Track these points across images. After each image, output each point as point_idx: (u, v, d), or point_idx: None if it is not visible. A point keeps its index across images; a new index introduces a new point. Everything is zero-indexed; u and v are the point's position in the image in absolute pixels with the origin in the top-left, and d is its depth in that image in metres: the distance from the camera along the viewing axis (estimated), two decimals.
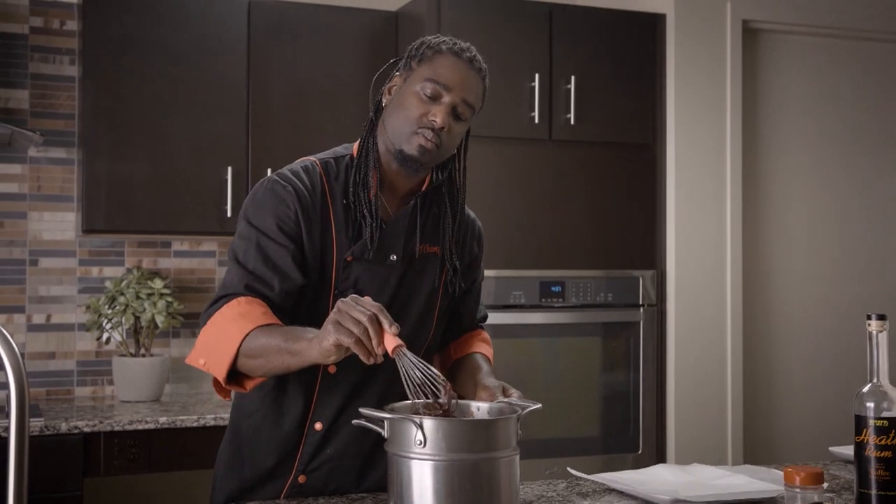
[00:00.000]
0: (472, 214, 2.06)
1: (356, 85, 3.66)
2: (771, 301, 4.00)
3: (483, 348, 2.03)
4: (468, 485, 1.45)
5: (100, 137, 3.40)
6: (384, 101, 1.87)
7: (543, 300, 3.60)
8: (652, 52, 3.80)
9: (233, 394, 1.83)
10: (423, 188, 1.89)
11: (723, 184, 3.83)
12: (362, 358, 1.51)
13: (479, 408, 1.63)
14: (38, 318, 3.62)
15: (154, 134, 3.45)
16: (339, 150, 1.94)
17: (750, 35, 3.96)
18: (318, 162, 1.88)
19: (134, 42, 3.43)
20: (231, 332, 1.67)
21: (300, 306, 1.80)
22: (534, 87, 3.60)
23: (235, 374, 1.72)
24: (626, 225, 3.75)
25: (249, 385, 1.73)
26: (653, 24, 3.80)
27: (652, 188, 3.80)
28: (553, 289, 3.61)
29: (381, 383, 1.82)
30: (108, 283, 3.58)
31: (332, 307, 1.63)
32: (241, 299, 1.72)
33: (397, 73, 1.86)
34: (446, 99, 1.78)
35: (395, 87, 1.85)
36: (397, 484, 1.49)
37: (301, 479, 1.85)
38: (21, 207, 3.61)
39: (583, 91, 3.67)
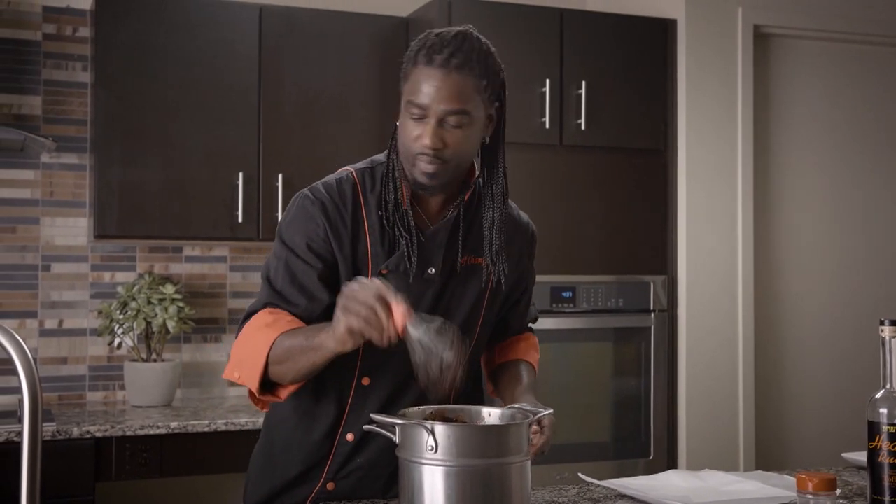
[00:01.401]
0: (526, 217, 2.00)
1: (367, 91, 3.67)
2: (782, 306, 3.98)
3: (529, 355, 1.99)
4: (479, 490, 1.45)
5: (112, 143, 3.42)
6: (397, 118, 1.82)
7: (554, 305, 3.59)
8: (663, 58, 3.80)
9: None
10: (467, 196, 1.82)
11: (734, 189, 3.82)
12: (375, 340, 1.50)
13: (490, 413, 1.63)
14: (51, 324, 3.64)
15: (165, 140, 3.47)
16: (379, 157, 1.86)
17: (761, 40, 3.95)
18: (354, 172, 1.82)
19: (145, 48, 3.45)
20: (258, 342, 1.68)
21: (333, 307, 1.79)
22: (544, 92, 3.60)
23: (271, 385, 1.72)
24: (637, 230, 3.75)
25: (284, 394, 1.73)
26: (664, 30, 3.80)
27: (663, 193, 3.79)
28: (564, 294, 3.61)
29: (415, 395, 1.76)
30: (119, 289, 3.59)
31: None
32: (267, 310, 1.73)
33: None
34: (430, 118, 1.68)
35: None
36: (409, 490, 1.49)
37: (329, 486, 1.85)
38: (34, 213, 3.63)
39: (593, 96, 3.67)
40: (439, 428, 1.45)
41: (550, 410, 1.61)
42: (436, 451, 1.44)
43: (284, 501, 1.87)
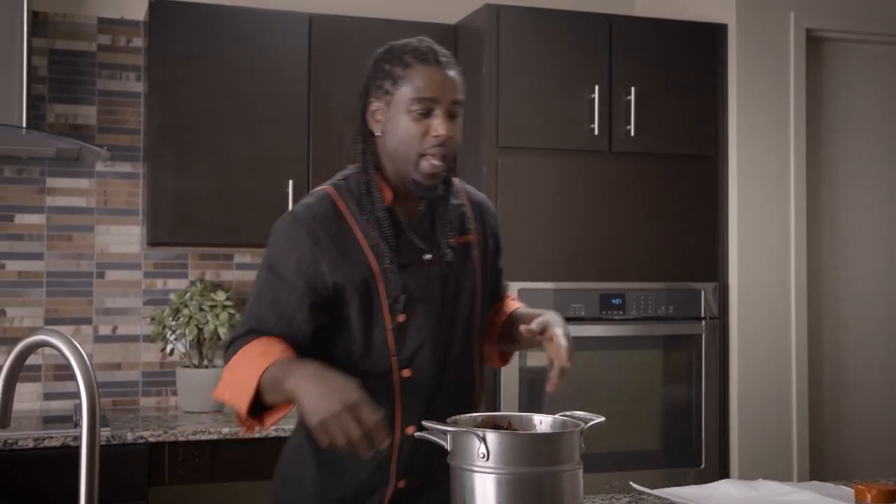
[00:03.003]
0: (483, 196, 2.10)
1: None
2: (837, 313, 3.92)
3: (516, 305, 2.10)
4: (531, 499, 1.45)
5: (164, 152, 3.46)
6: (374, 129, 1.87)
7: (604, 312, 3.57)
8: (713, 63, 3.76)
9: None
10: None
11: (786, 195, 3.77)
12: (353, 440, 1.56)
13: (542, 421, 1.63)
14: (105, 330, 3.69)
15: (216, 148, 3.51)
16: (347, 170, 1.94)
17: (814, 44, 3.90)
18: (328, 188, 1.90)
19: (197, 58, 3.49)
20: (250, 369, 1.74)
21: (351, 318, 1.83)
22: (593, 98, 3.59)
23: (261, 408, 1.78)
24: (687, 237, 3.72)
25: (268, 422, 1.79)
26: (714, 35, 3.77)
27: (713, 200, 3.76)
28: (613, 301, 3.59)
29: (454, 382, 1.90)
30: (172, 296, 3.64)
31: (388, 316, 1.81)
32: (262, 339, 1.79)
33: (372, 99, 1.87)
34: (438, 110, 1.80)
35: (378, 113, 1.86)
36: (461, 497, 1.49)
37: (401, 484, 1.87)
38: (89, 221, 3.69)
39: (643, 102, 3.64)
40: (491, 436, 1.45)
41: (602, 419, 1.60)
42: (487, 459, 1.44)
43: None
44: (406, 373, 1.85)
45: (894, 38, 3.97)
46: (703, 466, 3.67)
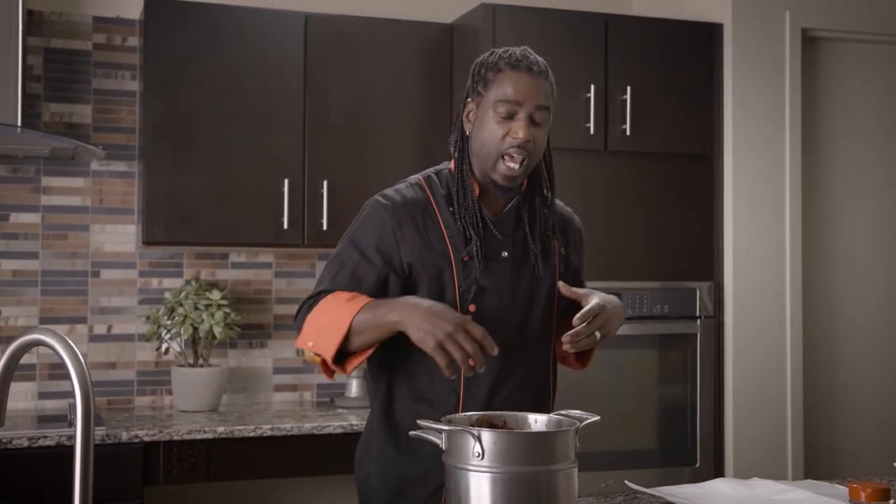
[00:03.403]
0: (570, 210, 2.17)
1: (412, 97, 3.68)
2: (832, 312, 3.93)
3: None
4: (526, 498, 1.45)
5: (160, 151, 3.46)
6: (466, 128, 1.99)
7: None
8: (709, 62, 3.76)
9: (376, 401, 2.01)
10: (524, 186, 2.02)
11: (782, 195, 3.78)
12: (458, 359, 1.72)
13: (537, 420, 1.63)
14: (100, 329, 3.69)
15: (212, 147, 3.50)
16: (440, 166, 2.08)
17: (810, 44, 3.90)
18: (421, 178, 2.04)
19: (193, 57, 3.49)
20: (340, 314, 1.84)
21: None
22: (589, 97, 3.59)
23: (341, 357, 1.87)
24: (683, 236, 3.72)
25: (349, 368, 1.88)
26: (710, 34, 3.77)
27: (709, 199, 3.76)
28: None
29: (522, 373, 1.97)
30: (167, 295, 3.64)
31: (460, 309, 1.91)
32: (344, 292, 1.90)
33: (469, 100, 1.99)
34: (521, 113, 1.90)
35: (471, 113, 1.98)
36: (455, 496, 1.49)
37: None
38: (84, 220, 3.68)
39: (639, 102, 3.65)
40: (486, 434, 1.45)
41: (597, 417, 1.60)
42: (482, 458, 1.44)
43: (418, 492, 1.94)
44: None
45: (890, 38, 3.98)
46: (698, 465, 3.68)
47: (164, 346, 3.62)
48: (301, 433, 3.26)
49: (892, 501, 1.47)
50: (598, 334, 1.84)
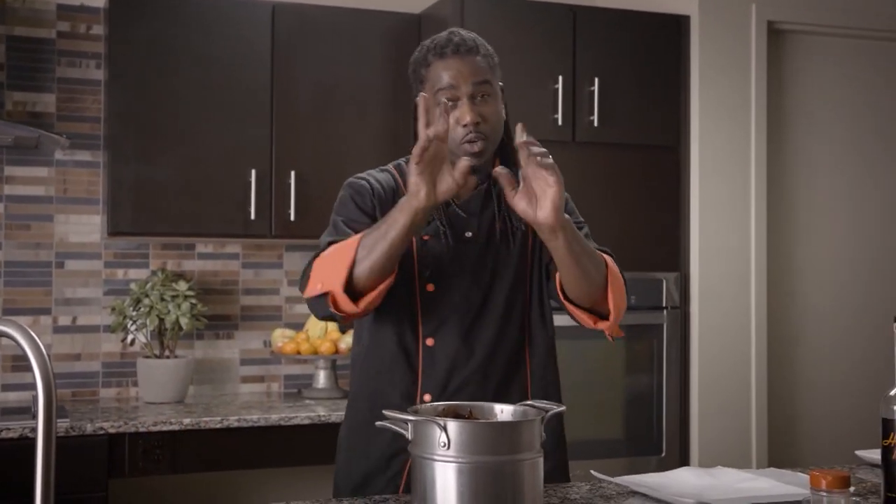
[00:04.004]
0: None
1: (379, 87, 3.67)
2: (796, 303, 3.97)
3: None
4: (492, 488, 1.45)
5: (125, 140, 3.43)
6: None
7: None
8: (676, 54, 3.79)
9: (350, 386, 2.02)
10: (497, 163, 1.98)
11: (747, 186, 3.81)
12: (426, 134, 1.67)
13: (503, 410, 1.63)
14: (64, 320, 3.65)
15: (179, 137, 3.48)
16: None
17: (775, 36, 3.93)
18: (391, 166, 2.06)
19: (159, 46, 3.45)
20: (343, 248, 1.80)
21: (388, 293, 1.88)
22: (557, 89, 3.60)
23: (353, 297, 1.80)
24: (650, 227, 3.74)
25: (362, 304, 1.80)
26: (677, 26, 3.79)
27: (676, 190, 3.78)
28: None
29: (483, 353, 1.94)
30: (132, 286, 3.61)
31: (419, 287, 1.92)
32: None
33: (417, 101, 1.92)
34: (462, 97, 1.89)
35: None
36: (421, 486, 1.49)
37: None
38: (48, 210, 3.64)
39: (606, 93, 3.66)
40: (451, 424, 1.45)
41: (563, 407, 1.60)
42: (448, 448, 1.44)
43: (380, 481, 1.94)
44: (430, 341, 1.94)
45: (854, 31, 4.02)
46: (664, 455, 3.71)
47: (129, 338, 3.59)
48: (268, 424, 3.25)
49: (852, 489, 1.49)
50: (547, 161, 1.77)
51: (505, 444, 1.47)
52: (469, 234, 1.97)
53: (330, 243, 1.87)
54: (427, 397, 1.92)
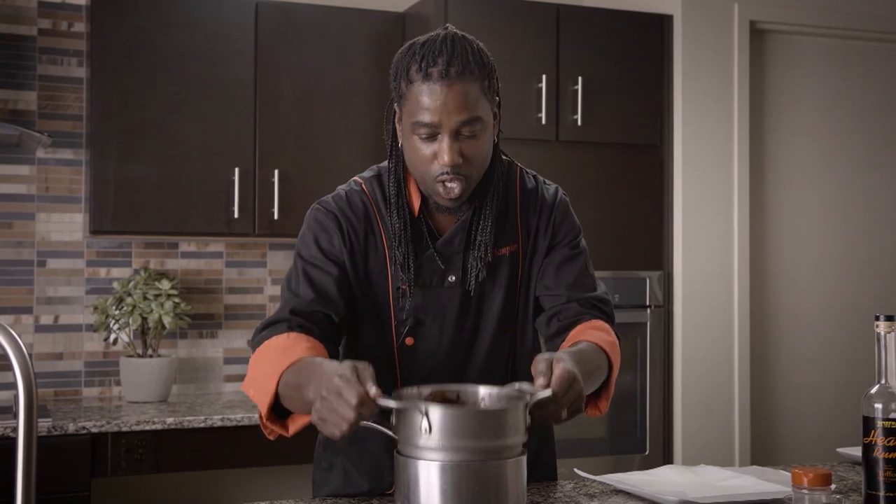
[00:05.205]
0: (533, 183, 1.91)
1: (363, 86, 3.66)
2: (778, 302, 3.99)
3: (591, 335, 1.77)
4: (476, 486, 1.44)
5: (107, 139, 3.41)
6: (399, 137, 1.73)
7: None
8: (659, 53, 3.80)
9: None
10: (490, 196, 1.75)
11: (730, 185, 3.83)
12: (329, 434, 1.43)
13: (490, 393, 1.59)
14: (46, 319, 3.63)
15: (161, 135, 3.46)
16: (384, 164, 1.81)
17: (757, 36, 3.95)
18: (363, 183, 1.79)
19: (141, 44, 3.44)
20: (270, 368, 1.59)
21: (362, 334, 1.78)
22: (541, 88, 3.60)
23: (282, 413, 1.63)
24: (634, 226, 3.75)
25: (292, 429, 1.62)
26: (660, 25, 3.80)
27: (659, 189, 3.80)
28: None
29: (459, 349, 1.78)
30: (115, 284, 3.59)
31: (395, 342, 1.74)
32: (291, 334, 1.65)
33: (395, 105, 1.72)
34: (443, 134, 1.61)
35: (399, 122, 1.72)
36: (404, 483, 1.48)
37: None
38: (29, 208, 3.62)
39: (590, 92, 3.67)
40: (434, 410, 1.42)
41: (549, 393, 1.47)
42: (430, 434, 1.42)
43: (364, 484, 1.87)
44: (409, 340, 1.77)
45: (835, 31, 4.04)
46: (647, 453, 3.72)
47: (112, 337, 3.57)
48: (252, 423, 3.24)
49: (833, 486, 1.50)
50: (565, 412, 1.50)
51: (489, 431, 1.43)
52: (452, 278, 1.75)
53: (274, 324, 1.67)
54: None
